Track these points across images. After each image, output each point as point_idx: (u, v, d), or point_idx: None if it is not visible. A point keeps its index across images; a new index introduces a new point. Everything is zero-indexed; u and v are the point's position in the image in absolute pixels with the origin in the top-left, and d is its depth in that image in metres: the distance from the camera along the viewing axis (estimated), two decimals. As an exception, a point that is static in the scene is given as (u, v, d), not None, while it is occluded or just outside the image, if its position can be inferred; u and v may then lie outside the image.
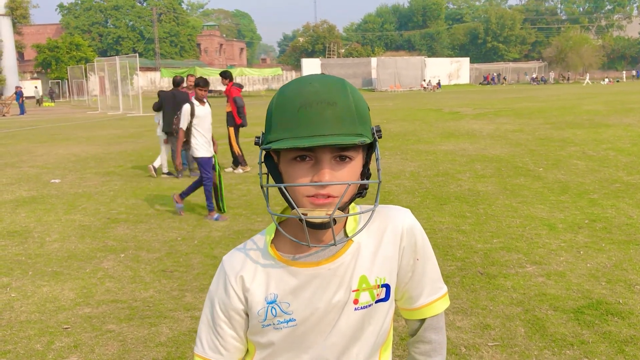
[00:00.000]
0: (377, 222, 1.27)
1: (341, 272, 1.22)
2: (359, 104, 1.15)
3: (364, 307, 1.23)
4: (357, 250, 1.24)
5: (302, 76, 1.19)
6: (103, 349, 3.87)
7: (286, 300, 1.22)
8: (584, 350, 3.61)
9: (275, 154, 1.22)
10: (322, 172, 1.11)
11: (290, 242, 1.25)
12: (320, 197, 1.12)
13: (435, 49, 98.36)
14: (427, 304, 1.33)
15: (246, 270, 1.26)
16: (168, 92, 10.61)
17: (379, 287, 1.24)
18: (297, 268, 1.23)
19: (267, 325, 1.24)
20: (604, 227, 6.34)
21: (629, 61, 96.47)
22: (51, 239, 6.68)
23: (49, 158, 13.92)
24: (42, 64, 60.36)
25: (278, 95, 1.17)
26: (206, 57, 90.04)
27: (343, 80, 1.17)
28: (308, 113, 1.09)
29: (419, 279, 1.31)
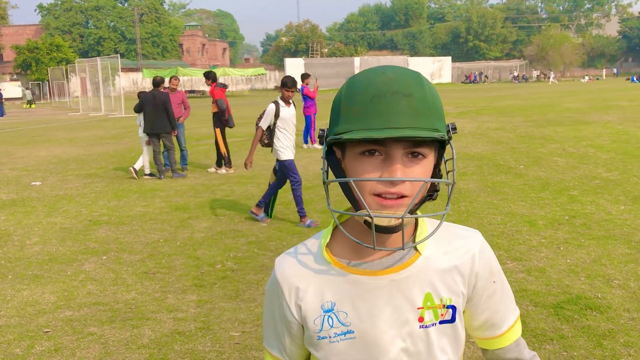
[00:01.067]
0: (449, 240, 1.17)
1: (405, 286, 1.12)
2: (435, 98, 1.06)
3: (429, 326, 1.13)
4: (424, 265, 1.13)
5: (375, 66, 1.10)
6: (84, 352, 3.85)
7: (344, 309, 1.12)
8: (564, 345, 3.66)
9: (340, 149, 1.11)
10: (394, 168, 1.01)
11: (349, 247, 1.15)
12: (390, 196, 1.02)
13: (417, 48, 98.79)
14: (510, 327, 1.25)
15: (300, 278, 1.16)
16: (148, 93, 10.55)
17: (444, 308, 1.14)
18: (356, 275, 1.13)
19: (323, 337, 1.14)
20: (584, 223, 6.43)
21: (608, 59, 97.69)
22: (31, 242, 6.61)
23: (29, 160, 13.76)
24: (22, 65, 59.61)
25: (348, 85, 1.08)
26: (189, 57, 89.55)
27: (418, 72, 1.08)
28: (382, 104, 1.00)
29: (498, 302, 1.21)
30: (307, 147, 14.05)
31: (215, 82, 11.02)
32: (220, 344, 3.90)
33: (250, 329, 4.10)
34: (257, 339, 3.94)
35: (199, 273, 5.32)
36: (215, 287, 4.94)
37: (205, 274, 5.29)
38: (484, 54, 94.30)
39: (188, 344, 3.91)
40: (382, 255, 1.14)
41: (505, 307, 1.23)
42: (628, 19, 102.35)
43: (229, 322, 4.23)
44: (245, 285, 4.96)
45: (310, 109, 14.00)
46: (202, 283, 5.05)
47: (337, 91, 1.11)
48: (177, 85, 11.56)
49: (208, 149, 12.49)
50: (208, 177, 10.63)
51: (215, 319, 4.28)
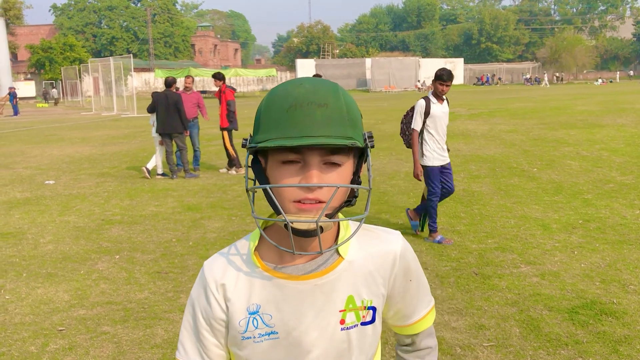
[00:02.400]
0: (371, 243, 1.23)
1: (328, 290, 1.17)
2: (351, 108, 1.11)
3: (350, 328, 1.19)
4: (347, 269, 1.19)
5: (293, 79, 1.15)
6: (98, 351, 3.86)
7: (268, 312, 1.17)
8: (578, 350, 3.63)
9: (263, 157, 1.17)
10: (309, 174, 1.07)
11: (275, 251, 1.20)
12: (308, 202, 1.07)
13: (429, 49, 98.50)
14: (420, 319, 1.32)
15: (228, 277, 1.20)
16: (161, 93, 10.58)
17: (365, 309, 1.20)
18: (282, 279, 1.18)
19: (247, 337, 1.18)
20: (598, 227, 6.37)
21: (622, 61, 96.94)
22: (45, 240, 6.65)
23: (42, 159, 13.87)
24: (36, 64, 60.14)
25: (268, 96, 1.13)
26: (200, 57, 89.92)
27: (335, 84, 1.13)
28: (298, 113, 1.05)
29: (411, 298, 1.29)
30: None
31: (224, 82, 11.03)
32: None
33: (262, 330, 4.09)
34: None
35: (212, 273, 5.32)
36: (228, 288, 4.93)
37: (218, 274, 5.29)
38: (496, 56, 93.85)
39: (201, 344, 3.91)
40: (306, 260, 1.19)
41: (417, 301, 1.31)
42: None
43: (242, 322, 4.23)
44: (257, 286, 4.95)
45: None
46: (215, 283, 5.04)
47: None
48: (191, 84, 11.56)
49: (220, 149, 12.52)
50: (220, 177, 10.66)
51: (228, 320, 4.28)
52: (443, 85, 5.97)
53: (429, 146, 6.06)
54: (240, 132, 11.38)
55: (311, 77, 1.14)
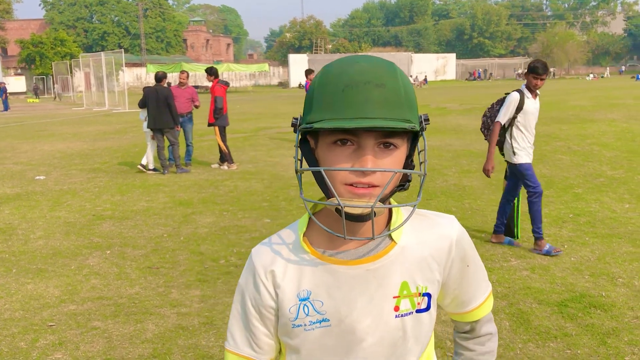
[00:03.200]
0: (424, 228, 1.18)
1: (380, 275, 1.13)
2: (408, 88, 1.06)
3: (405, 315, 1.14)
4: (400, 254, 1.15)
5: (348, 55, 1.09)
6: (88, 346, 3.85)
7: (319, 298, 1.13)
8: (567, 343, 3.66)
9: (313, 138, 1.12)
10: (364, 159, 1.02)
11: (325, 236, 1.16)
12: (361, 186, 1.03)
13: (422, 44, 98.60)
14: (479, 305, 1.28)
15: (277, 264, 1.16)
16: (151, 88, 10.53)
17: (420, 296, 1.15)
18: (333, 265, 1.13)
19: (298, 325, 1.14)
20: (588, 221, 6.41)
21: (613, 57, 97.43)
22: (35, 236, 6.62)
23: (33, 154, 13.79)
24: (26, 59, 59.68)
25: (321, 74, 1.08)
26: (192, 52, 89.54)
27: (392, 63, 1.08)
28: (354, 93, 1.00)
29: (469, 284, 1.24)
30: None
31: (217, 78, 10.98)
32: (223, 338, 3.90)
33: (253, 325, 4.09)
34: (260, 335, 3.94)
35: (203, 268, 5.32)
36: (219, 282, 4.94)
37: (209, 269, 5.30)
38: (488, 51, 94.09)
39: (192, 338, 3.91)
40: (357, 245, 1.14)
41: (476, 286, 1.26)
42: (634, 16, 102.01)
43: (233, 317, 4.23)
44: (248, 281, 4.95)
45: None
46: (206, 278, 5.05)
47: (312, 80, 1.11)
48: (186, 79, 11.51)
49: (212, 144, 12.50)
50: (212, 172, 10.64)
51: (219, 314, 4.29)
52: (537, 79, 5.39)
53: (518, 143, 5.53)
54: (232, 128, 11.36)
55: (367, 55, 1.09)
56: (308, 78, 13.91)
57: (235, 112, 11.95)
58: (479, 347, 1.32)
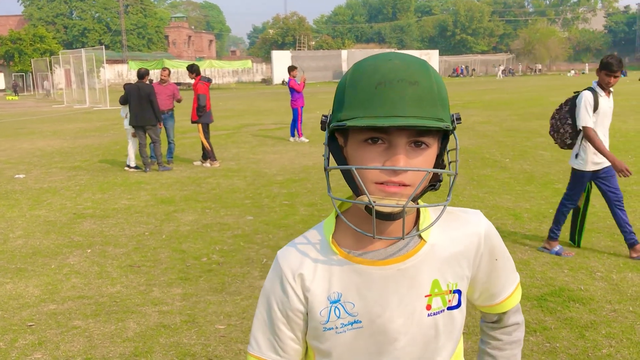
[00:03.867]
0: (452, 225, 1.17)
1: (411, 274, 1.12)
2: (441, 87, 1.04)
3: (437, 313, 1.14)
4: (429, 252, 1.13)
5: (380, 53, 1.08)
6: (69, 346, 3.82)
7: (351, 300, 1.11)
8: (547, 336, 3.70)
9: (342, 136, 1.10)
10: (396, 158, 1.00)
11: (352, 237, 1.14)
12: (392, 185, 1.01)
13: (405, 41, 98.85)
14: (508, 296, 1.27)
15: (305, 267, 1.14)
16: (133, 85, 10.44)
17: (451, 293, 1.15)
18: (363, 265, 1.12)
19: (330, 328, 1.12)
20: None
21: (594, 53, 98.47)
22: (15, 235, 6.54)
23: (12, 153, 13.60)
24: (5, 56, 58.75)
25: (353, 71, 1.06)
26: (174, 49, 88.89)
27: (424, 61, 1.06)
28: (387, 91, 0.98)
29: (498, 276, 1.24)
30: (294, 141, 14.02)
31: (199, 75, 10.92)
32: (205, 336, 3.89)
33: (235, 322, 4.09)
34: (242, 332, 3.94)
35: (185, 266, 5.30)
36: (201, 280, 4.92)
37: (191, 267, 5.28)
38: (471, 48, 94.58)
39: (173, 337, 3.90)
40: (385, 244, 1.13)
41: (505, 278, 1.26)
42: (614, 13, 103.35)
43: (215, 315, 4.23)
44: (230, 278, 4.95)
45: (297, 102, 13.94)
46: (188, 276, 5.03)
47: (341, 77, 1.10)
48: (167, 76, 11.42)
49: (194, 142, 12.43)
50: (194, 170, 10.58)
51: (201, 312, 4.27)
52: (611, 76, 4.92)
53: (587, 146, 5.02)
54: (214, 125, 11.32)
55: (400, 53, 1.08)
56: (291, 75, 13.90)
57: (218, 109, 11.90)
58: (505, 336, 1.32)
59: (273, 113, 22.95)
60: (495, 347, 1.33)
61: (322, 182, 8.85)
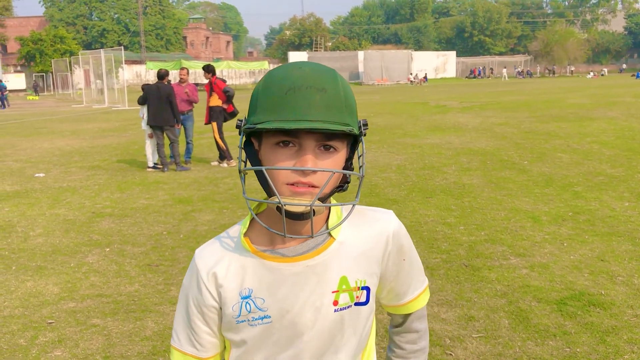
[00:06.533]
0: (362, 224, 1.23)
1: (320, 270, 1.17)
2: (348, 94, 1.11)
3: (343, 309, 1.19)
4: (338, 250, 1.19)
5: (292, 62, 1.15)
6: (88, 344, 3.86)
7: (261, 295, 1.17)
8: (567, 341, 3.66)
9: (257, 140, 1.16)
10: (305, 158, 1.07)
11: (266, 234, 1.20)
12: (302, 186, 1.07)
13: (422, 42, 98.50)
14: (413, 299, 1.32)
15: (219, 265, 1.20)
16: (152, 85, 10.52)
17: (359, 290, 1.20)
18: (273, 262, 1.18)
19: (242, 321, 1.19)
20: (588, 219, 6.41)
21: (613, 55, 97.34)
22: (35, 233, 6.62)
23: (33, 152, 13.78)
24: (26, 57, 59.64)
25: (265, 78, 1.13)
26: (192, 50, 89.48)
27: (333, 70, 1.14)
28: (296, 97, 1.05)
29: (405, 277, 1.29)
30: None
31: (214, 75, 10.99)
32: (223, 336, 3.90)
33: (253, 322, 4.09)
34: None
35: (202, 266, 5.31)
36: (218, 280, 4.93)
37: (208, 266, 5.29)
38: (488, 49, 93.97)
39: (191, 336, 3.91)
40: (297, 243, 1.19)
41: (411, 280, 1.31)
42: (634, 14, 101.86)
43: (232, 315, 4.23)
44: (248, 279, 4.95)
45: None
46: (205, 276, 5.04)
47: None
48: (186, 76, 11.49)
49: (211, 142, 12.48)
50: (211, 170, 10.64)
51: (218, 312, 4.28)
52: None
53: None
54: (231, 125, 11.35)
55: (310, 62, 1.15)
56: None
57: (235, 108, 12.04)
58: (410, 345, 1.37)
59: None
60: (400, 355, 1.38)
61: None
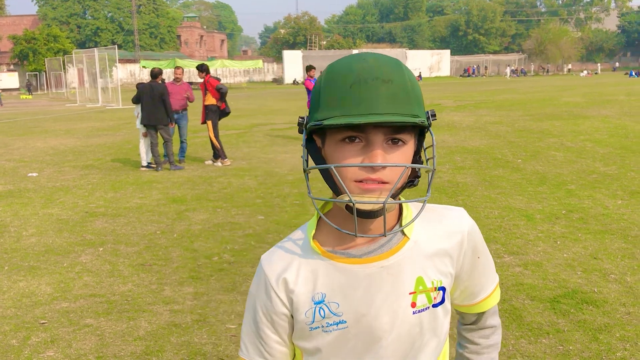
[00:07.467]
0: (435, 222, 1.18)
1: (395, 271, 1.12)
2: (415, 84, 1.06)
3: (422, 311, 1.13)
4: (413, 249, 1.14)
5: (353, 54, 1.09)
6: (80, 344, 3.84)
7: (335, 300, 1.12)
8: (560, 339, 3.67)
9: (320, 137, 1.11)
10: (374, 154, 1.01)
11: (335, 236, 1.15)
12: (371, 182, 1.02)
13: (416, 41, 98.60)
14: (487, 296, 1.28)
15: (289, 270, 1.15)
16: (146, 84, 10.49)
17: (436, 290, 1.15)
18: (345, 264, 1.12)
19: (316, 327, 1.13)
20: (581, 217, 6.43)
21: (607, 53, 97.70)
22: (28, 233, 6.59)
23: (26, 151, 13.72)
24: (19, 55, 59.29)
25: (327, 71, 1.08)
26: (186, 48, 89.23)
27: (398, 60, 1.08)
28: (361, 90, 1.00)
29: (478, 275, 1.24)
30: None
31: (208, 74, 10.97)
32: (216, 336, 3.90)
33: (246, 322, 4.09)
34: (253, 332, 3.93)
35: (196, 265, 5.31)
36: (212, 280, 4.93)
37: (202, 266, 5.29)
38: (482, 48, 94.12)
39: (184, 336, 3.91)
40: (367, 242, 1.14)
41: (485, 278, 1.26)
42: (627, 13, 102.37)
43: (225, 314, 4.23)
44: (242, 278, 4.95)
45: None
46: (199, 275, 5.04)
47: (317, 78, 1.11)
48: (181, 75, 11.47)
49: (206, 141, 12.46)
50: (205, 169, 10.61)
51: (212, 311, 4.28)
52: None
53: None
54: (226, 124, 11.35)
55: (373, 52, 1.10)
56: (308, 74, 13.86)
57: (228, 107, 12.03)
58: (483, 340, 1.32)
59: (284, 113, 22.98)
60: (473, 351, 1.33)
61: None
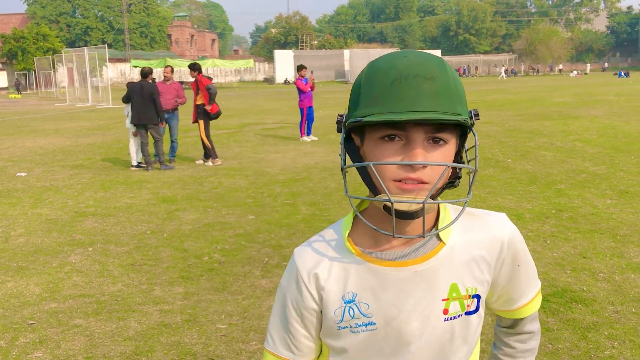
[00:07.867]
0: (474, 227, 1.15)
1: (428, 276, 1.09)
2: (457, 83, 1.03)
3: (454, 318, 1.11)
4: (449, 255, 1.11)
5: (395, 51, 1.08)
6: (69, 344, 3.81)
7: (365, 300, 1.10)
8: (549, 337, 3.69)
9: (358, 135, 1.08)
10: (414, 152, 0.98)
11: (370, 236, 1.13)
12: (410, 182, 1.00)
13: (407, 41, 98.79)
14: (527, 303, 1.24)
15: (320, 266, 1.13)
16: (136, 83, 10.44)
17: (470, 298, 1.12)
18: (379, 266, 1.10)
19: (344, 327, 1.12)
20: (570, 216, 6.47)
21: (596, 54, 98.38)
22: (16, 233, 6.54)
23: (14, 151, 13.61)
24: (8, 54, 58.88)
25: (368, 68, 1.05)
26: (177, 48, 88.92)
27: (440, 57, 1.05)
28: (402, 87, 0.98)
29: (518, 283, 1.21)
30: (302, 140, 13.93)
31: (200, 73, 10.94)
32: (206, 336, 3.88)
33: (237, 322, 4.08)
34: (243, 332, 3.93)
35: (186, 265, 5.29)
36: (202, 280, 4.92)
37: (192, 266, 5.27)
38: (473, 48, 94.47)
39: (174, 336, 3.89)
40: (402, 244, 1.11)
41: (525, 285, 1.23)
42: (616, 14, 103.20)
43: (216, 314, 4.22)
44: (232, 278, 4.94)
45: (303, 102, 13.87)
46: (189, 275, 5.02)
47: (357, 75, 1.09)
48: (170, 74, 11.42)
49: (196, 140, 12.42)
50: (196, 169, 10.58)
51: (202, 311, 4.27)
52: None
53: None
54: (217, 124, 11.32)
55: (415, 50, 1.07)
56: (299, 74, 13.84)
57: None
58: (519, 344, 1.30)
59: (275, 112, 22.95)
60: (508, 354, 1.31)
61: (324, 182, 8.84)
